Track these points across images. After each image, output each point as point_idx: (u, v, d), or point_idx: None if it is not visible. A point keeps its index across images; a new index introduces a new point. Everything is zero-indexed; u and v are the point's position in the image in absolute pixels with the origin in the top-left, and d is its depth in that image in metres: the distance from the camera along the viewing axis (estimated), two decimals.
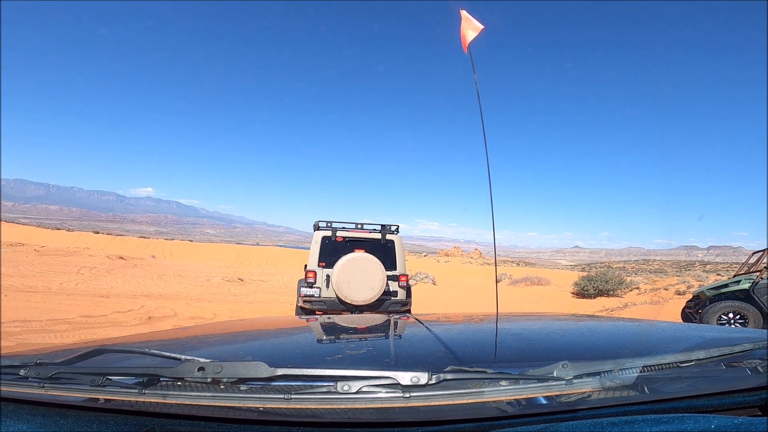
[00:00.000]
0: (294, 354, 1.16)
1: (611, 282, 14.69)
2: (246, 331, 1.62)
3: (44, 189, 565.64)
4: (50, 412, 0.68)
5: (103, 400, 0.69)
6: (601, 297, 14.49)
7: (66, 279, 14.72)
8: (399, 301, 5.43)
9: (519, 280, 21.31)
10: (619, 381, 0.73)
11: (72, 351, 0.87)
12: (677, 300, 10.65)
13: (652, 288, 17.61)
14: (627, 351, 1.16)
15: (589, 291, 14.67)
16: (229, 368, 0.70)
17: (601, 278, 14.86)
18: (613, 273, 15.90)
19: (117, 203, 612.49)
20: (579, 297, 15.27)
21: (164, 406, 0.67)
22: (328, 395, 0.68)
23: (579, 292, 15.33)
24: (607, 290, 14.54)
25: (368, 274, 4.85)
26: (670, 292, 16.39)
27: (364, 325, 1.75)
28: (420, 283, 22.10)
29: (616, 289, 14.73)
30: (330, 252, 5.40)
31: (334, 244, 5.51)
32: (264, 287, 19.96)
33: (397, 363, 0.99)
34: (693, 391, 0.73)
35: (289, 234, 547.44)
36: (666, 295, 15.82)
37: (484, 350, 1.21)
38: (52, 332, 5.77)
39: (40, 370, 0.73)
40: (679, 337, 1.35)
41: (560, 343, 1.29)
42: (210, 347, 1.29)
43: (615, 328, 1.51)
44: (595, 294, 14.58)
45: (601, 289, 14.51)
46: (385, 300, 5.23)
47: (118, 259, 24.74)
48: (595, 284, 14.67)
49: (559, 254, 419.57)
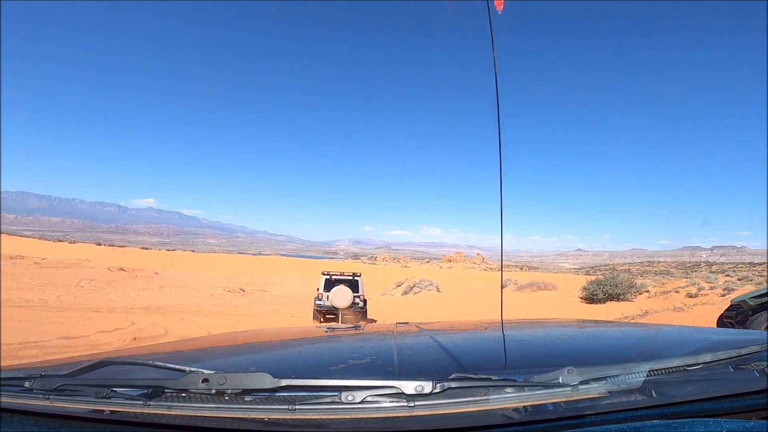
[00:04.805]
0: (298, 364, 1.17)
1: (621, 286, 14.30)
2: (250, 342, 1.63)
3: (46, 201, 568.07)
4: (55, 423, 0.68)
5: (108, 412, 0.69)
6: (611, 302, 14.13)
7: (64, 292, 14.48)
8: (360, 307, 10.53)
9: (525, 286, 20.95)
10: (626, 385, 0.72)
11: (77, 363, 0.87)
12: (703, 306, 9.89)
13: (661, 291, 17.26)
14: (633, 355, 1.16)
15: (599, 296, 14.30)
16: (233, 379, 0.71)
17: (610, 282, 14.48)
18: (623, 277, 15.53)
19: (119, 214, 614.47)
20: (588, 302, 14.91)
21: (169, 417, 0.67)
22: (332, 405, 0.68)
23: (588, 297, 14.97)
24: (617, 294, 14.16)
25: (344, 294, 9.97)
26: (681, 294, 16.04)
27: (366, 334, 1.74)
28: (424, 290, 21.76)
29: (626, 293, 14.35)
30: (328, 284, 10.57)
31: (330, 281, 10.71)
32: (266, 297, 19.66)
33: (401, 372, 0.98)
34: (701, 395, 0.71)
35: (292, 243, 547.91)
36: (677, 297, 15.47)
37: (488, 357, 1.21)
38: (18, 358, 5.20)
39: (45, 382, 0.74)
40: (685, 340, 1.34)
41: (565, 349, 1.29)
42: (214, 359, 1.30)
43: (620, 332, 1.52)
44: (605, 299, 14.21)
45: (611, 293, 14.13)
46: (352, 306, 10.15)
47: (118, 271, 24.55)
48: (604, 289, 14.30)
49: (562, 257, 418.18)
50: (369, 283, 27.18)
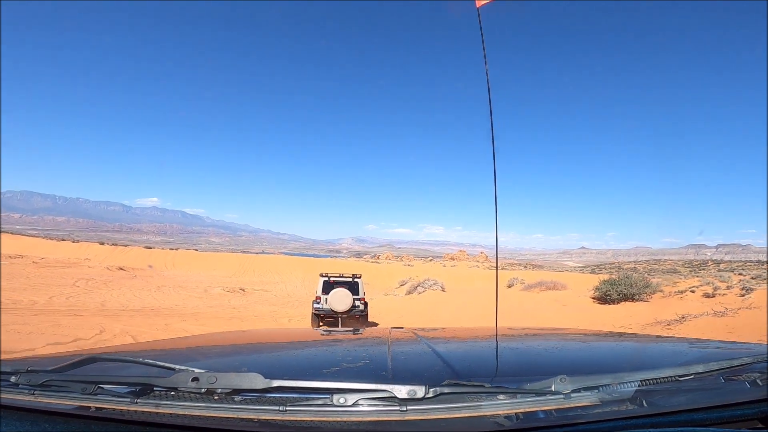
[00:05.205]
0: (290, 366, 1.16)
1: (636, 286, 13.68)
2: (242, 342, 1.63)
3: (51, 200, 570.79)
4: (39, 419, 0.67)
5: (94, 409, 0.69)
6: (625, 302, 13.53)
7: (58, 292, 14.04)
8: (360, 311, 9.77)
9: (533, 285, 20.35)
10: (618, 395, 0.73)
11: (64, 359, 0.86)
12: (749, 312, 8.71)
13: (675, 290, 16.63)
14: (625, 365, 1.19)
15: (612, 296, 13.70)
16: (223, 379, 0.70)
17: (624, 282, 13.86)
18: (639, 276, 14.90)
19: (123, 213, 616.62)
20: (601, 302, 14.32)
21: (157, 415, 0.66)
22: (324, 408, 0.67)
23: (601, 297, 14.37)
24: (632, 294, 13.54)
25: (343, 298, 9.40)
26: (697, 294, 15.41)
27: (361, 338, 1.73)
28: (429, 290, 21.19)
29: (641, 293, 13.72)
30: (326, 287, 9.84)
31: (329, 283, 9.90)
32: (266, 297, 19.16)
33: (394, 376, 0.98)
34: (692, 405, 0.72)
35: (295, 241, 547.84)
36: (693, 297, 14.86)
37: (481, 364, 1.21)
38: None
39: (31, 377, 0.74)
40: (677, 351, 1.35)
41: (558, 357, 1.28)
42: (205, 358, 1.28)
43: (614, 342, 1.55)
44: (619, 299, 13.61)
45: (625, 293, 13.52)
46: (352, 309, 9.56)
47: (117, 271, 24.18)
48: (618, 288, 13.68)
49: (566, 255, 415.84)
50: (372, 282, 26.68)
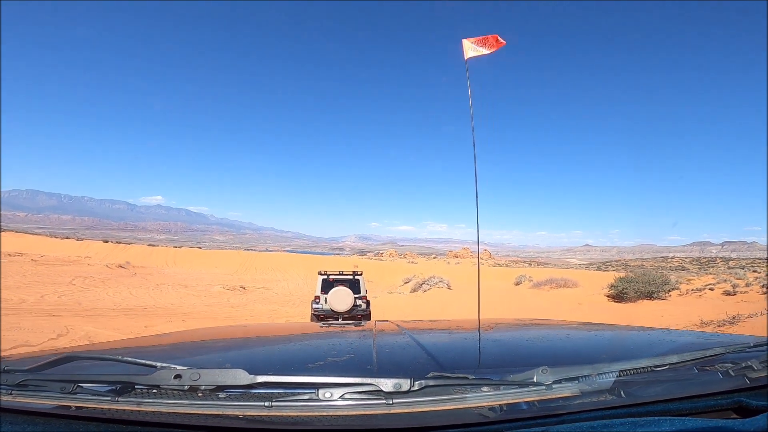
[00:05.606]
0: (275, 361, 1.15)
1: (654, 283, 13.02)
2: (226, 338, 1.62)
3: (56, 199, 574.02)
4: (18, 419, 0.66)
5: (74, 408, 0.67)
6: (643, 300, 12.88)
7: (52, 290, 13.60)
8: (362, 310, 9.11)
9: (542, 283, 19.70)
10: (597, 385, 0.74)
11: (41, 358, 0.84)
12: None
13: (692, 288, 15.96)
14: (604, 356, 1.19)
15: (629, 294, 13.06)
16: (207, 376, 0.69)
17: (641, 279, 13.20)
18: (657, 273, 14.23)
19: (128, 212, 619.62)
20: (617, 301, 13.67)
21: (139, 414, 0.65)
22: (309, 402, 0.67)
23: (617, 295, 13.73)
24: (650, 292, 12.89)
25: (344, 296, 8.75)
26: (716, 292, 14.74)
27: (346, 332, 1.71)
28: (434, 288, 20.57)
29: (659, 291, 13.07)
30: (325, 286, 9.29)
31: (328, 281, 9.37)
32: (266, 296, 18.60)
33: (379, 369, 0.98)
34: (668, 395, 0.73)
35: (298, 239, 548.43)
36: (713, 295, 14.17)
37: (466, 356, 1.23)
38: None
39: (8, 377, 0.72)
40: (654, 342, 1.38)
41: (541, 349, 1.30)
42: (188, 355, 1.27)
43: (593, 333, 1.60)
44: (636, 297, 12.96)
45: (643, 291, 12.87)
46: (353, 309, 8.97)
47: (117, 268, 23.73)
48: (635, 286, 13.03)
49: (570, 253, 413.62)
50: (375, 279, 26.07)
